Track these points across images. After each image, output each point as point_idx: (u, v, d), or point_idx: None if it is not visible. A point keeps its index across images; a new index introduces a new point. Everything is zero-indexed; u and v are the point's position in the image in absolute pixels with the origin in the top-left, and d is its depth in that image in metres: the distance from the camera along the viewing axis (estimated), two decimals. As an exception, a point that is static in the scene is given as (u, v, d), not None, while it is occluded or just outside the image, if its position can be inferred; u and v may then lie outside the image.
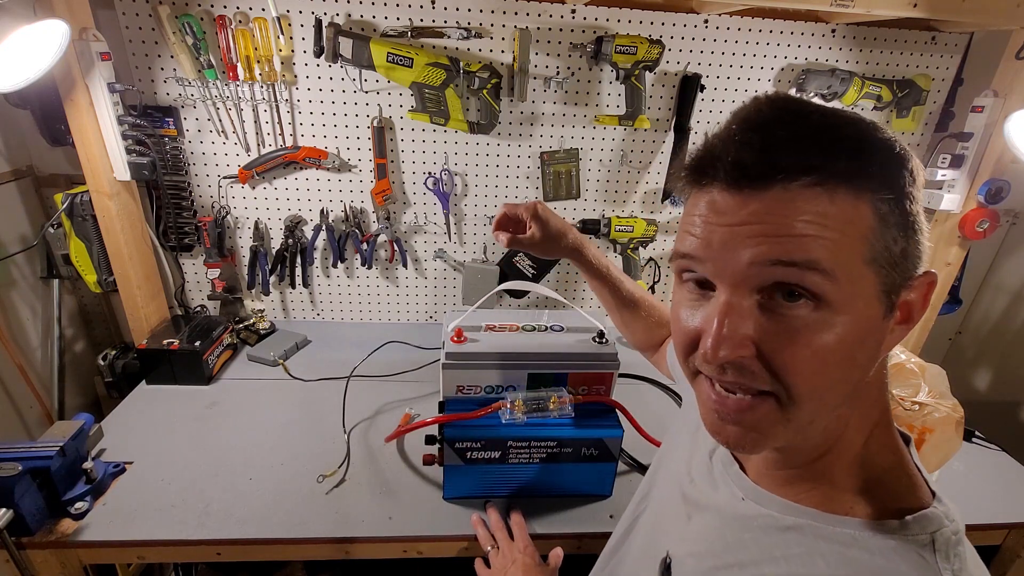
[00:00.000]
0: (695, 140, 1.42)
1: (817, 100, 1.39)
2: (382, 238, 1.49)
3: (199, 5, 1.22)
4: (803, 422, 0.40)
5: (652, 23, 1.32)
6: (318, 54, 1.23)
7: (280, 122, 1.34)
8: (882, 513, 0.41)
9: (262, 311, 1.54)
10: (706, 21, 1.33)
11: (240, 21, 1.22)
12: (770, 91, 0.43)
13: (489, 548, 0.88)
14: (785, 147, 0.37)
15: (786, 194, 0.36)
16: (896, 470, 0.44)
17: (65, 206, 1.25)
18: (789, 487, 0.46)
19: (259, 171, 1.36)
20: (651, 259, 1.60)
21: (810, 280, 0.36)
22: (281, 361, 1.36)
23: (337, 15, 1.25)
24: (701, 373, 0.43)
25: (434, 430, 0.95)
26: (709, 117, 1.43)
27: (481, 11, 1.27)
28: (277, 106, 1.33)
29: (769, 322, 0.38)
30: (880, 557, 0.39)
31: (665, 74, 1.38)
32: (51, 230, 1.29)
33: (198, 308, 1.53)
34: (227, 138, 1.35)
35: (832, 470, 0.44)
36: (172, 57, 1.25)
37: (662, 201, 1.52)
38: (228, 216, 1.42)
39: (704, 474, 0.56)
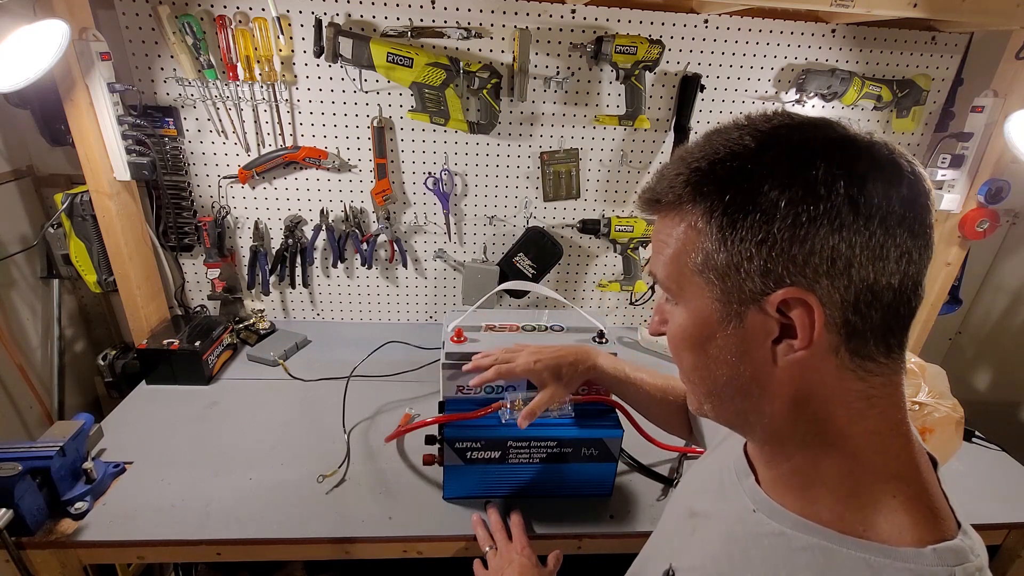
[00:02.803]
0: (695, 140, 1.42)
1: (817, 100, 1.39)
2: (382, 238, 1.49)
3: (199, 5, 1.22)
4: (697, 394, 0.50)
5: (652, 23, 1.32)
6: (318, 54, 1.23)
7: (280, 122, 1.34)
8: (901, 540, 0.40)
9: (262, 311, 1.54)
10: (706, 21, 1.33)
11: (240, 21, 1.22)
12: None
13: (488, 549, 0.88)
14: (661, 181, 0.46)
15: (659, 218, 0.48)
16: (922, 495, 0.42)
17: (65, 206, 1.25)
18: (802, 494, 0.45)
19: (259, 171, 1.36)
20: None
21: (661, 282, 0.48)
22: (281, 361, 1.36)
23: (337, 15, 1.25)
24: None
25: (434, 430, 0.96)
26: (709, 117, 1.43)
27: (481, 11, 1.27)
28: (277, 106, 1.33)
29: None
30: None
31: (665, 74, 1.38)
32: (51, 230, 1.29)
33: (198, 308, 1.53)
34: (227, 138, 1.35)
35: (842, 481, 0.43)
36: (172, 57, 1.25)
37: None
38: (228, 216, 1.42)
39: (716, 486, 0.56)
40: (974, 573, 0.38)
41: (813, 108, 1.43)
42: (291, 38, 1.26)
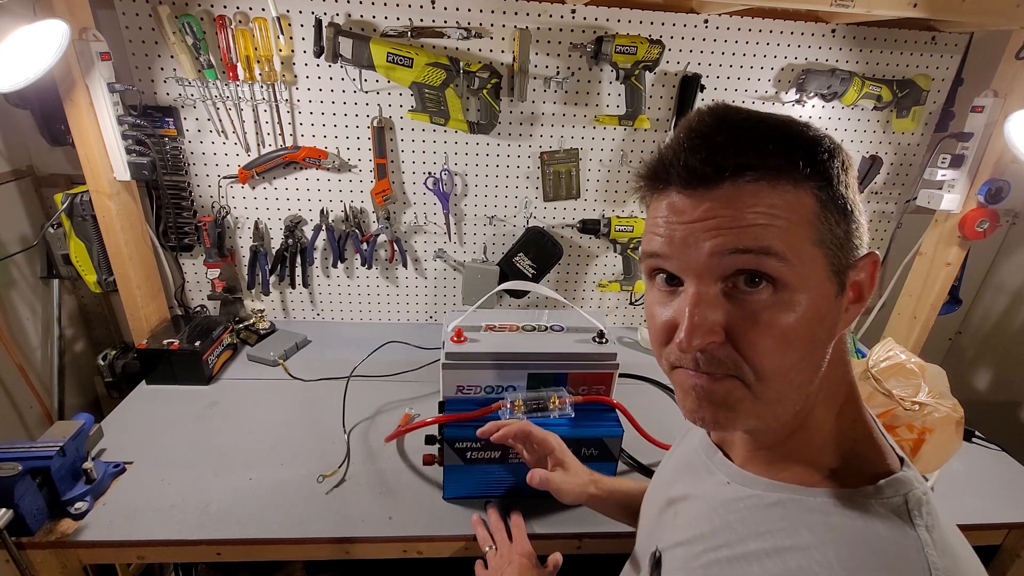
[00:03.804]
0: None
1: (817, 100, 1.39)
2: (382, 238, 1.49)
3: (199, 5, 1.22)
4: (771, 400, 0.43)
5: (652, 23, 1.32)
6: (318, 54, 1.23)
7: (280, 122, 1.34)
8: (857, 481, 0.44)
9: (262, 311, 1.54)
10: (706, 21, 1.33)
11: (240, 21, 1.22)
12: (710, 103, 0.46)
13: (488, 548, 0.88)
14: (726, 150, 0.41)
15: (733, 190, 0.41)
16: (866, 441, 0.47)
17: (65, 206, 1.25)
18: (770, 467, 0.49)
19: (259, 171, 1.36)
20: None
21: (767, 264, 0.40)
22: (281, 361, 1.36)
23: (337, 15, 1.25)
24: (678, 366, 0.46)
25: (434, 430, 0.95)
26: (709, 117, 1.43)
27: (481, 11, 1.27)
28: (277, 106, 1.33)
29: (734, 308, 0.42)
30: (860, 520, 0.41)
31: (665, 74, 1.38)
32: (51, 230, 1.29)
33: (198, 308, 1.53)
34: (227, 138, 1.35)
35: (808, 447, 0.47)
36: (172, 57, 1.25)
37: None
38: (228, 216, 1.42)
39: (687, 470, 0.59)
40: (920, 497, 0.42)
41: (813, 108, 1.43)
42: (291, 38, 1.26)
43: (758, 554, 0.44)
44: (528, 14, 1.28)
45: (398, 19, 1.27)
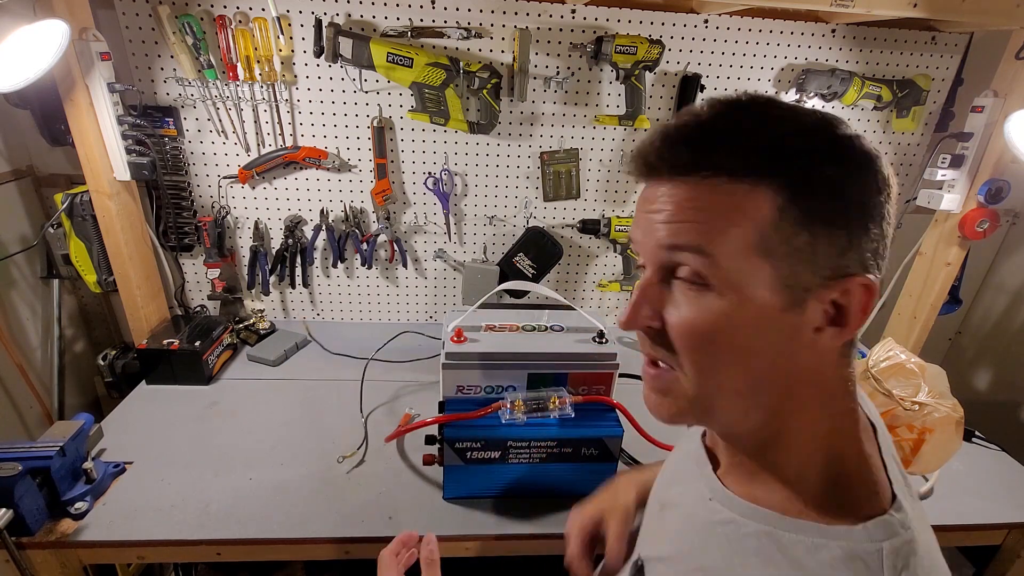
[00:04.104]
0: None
1: (817, 100, 1.39)
2: (382, 238, 1.49)
3: (199, 5, 1.22)
4: (705, 397, 0.44)
5: (652, 23, 1.32)
6: (318, 54, 1.23)
7: (280, 122, 1.34)
8: (838, 517, 0.42)
9: (262, 311, 1.54)
10: (706, 21, 1.33)
11: (240, 21, 1.22)
12: (707, 99, 0.44)
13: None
14: (677, 145, 0.41)
15: (683, 185, 0.41)
16: (857, 475, 0.44)
17: (65, 206, 1.25)
18: (751, 480, 0.48)
19: (259, 171, 1.36)
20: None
21: (691, 261, 0.41)
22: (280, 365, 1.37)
23: (337, 15, 1.25)
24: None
25: (434, 430, 0.95)
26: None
27: (481, 11, 1.27)
28: (277, 106, 1.33)
29: (667, 295, 0.44)
30: (827, 570, 0.39)
31: (665, 74, 1.38)
32: (51, 230, 1.29)
33: (198, 308, 1.53)
34: (227, 138, 1.35)
35: (786, 467, 0.45)
36: (172, 57, 1.25)
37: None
38: (228, 216, 1.42)
39: (680, 475, 0.59)
40: (900, 546, 0.39)
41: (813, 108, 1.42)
42: (291, 38, 1.26)
43: None
44: (528, 14, 1.28)
45: (398, 19, 1.27)
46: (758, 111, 0.41)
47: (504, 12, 1.27)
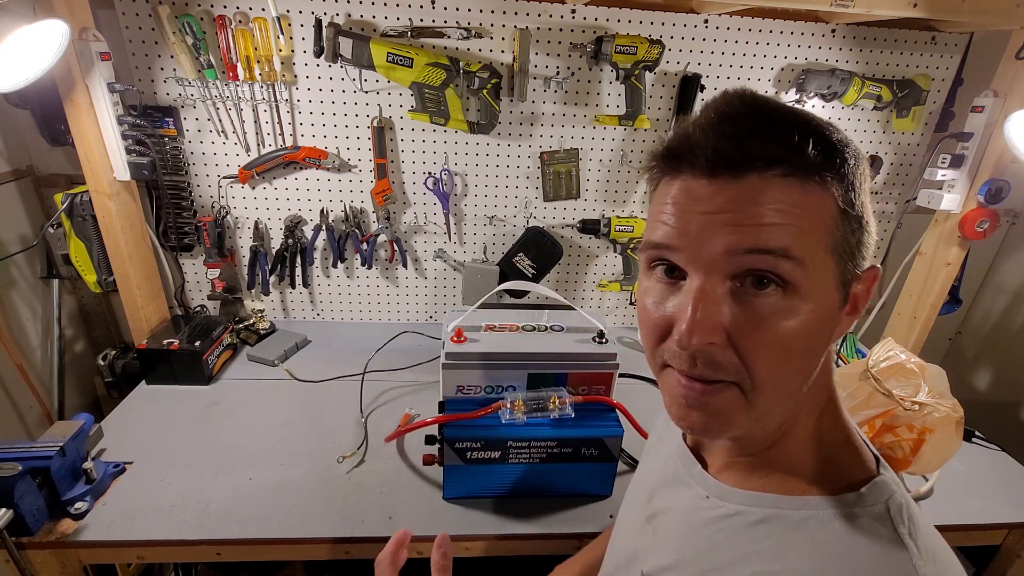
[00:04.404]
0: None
1: (817, 100, 1.39)
2: (382, 238, 1.49)
3: (199, 5, 1.22)
4: (764, 408, 0.42)
5: (652, 23, 1.32)
6: (318, 54, 1.23)
7: (280, 122, 1.34)
8: (838, 486, 0.43)
9: (262, 311, 1.54)
10: (706, 21, 1.33)
11: (240, 21, 1.22)
12: (730, 88, 0.43)
13: None
14: (758, 138, 0.38)
15: (760, 183, 0.38)
16: (845, 445, 0.46)
17: (65, 206, 1.25)
18: (749, 476, 0.47)
19: (259, 171, 1.36)
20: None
21: (782, 267, 0.38)
22: (287, 370, 1.37)
23: (337, 15, 1.25)
24: (669, 366, 0.43)
25: (434, 430, 0.95)
26: (709, 117, 1.43)
27: (481, 11, 1.27)
28: (277, 106, 1.33)
29: (739, 309, 0.39)
30: (846, 535, 0.40)
31: (665, 74, 1.38)
32: (51, 230, 1.29)
33: (198, 308, 1.53)
34: (227, 138, 1.35)
35: (789, 454, 0.46)
36: (172, 57, 1.25)
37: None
38: (228, 216, 1.42)
39: (664, 481, 0.57)
40: (900, 502, 0.41)
41: (813, 108, 1.43)
42: (291, 38, 1.26)
43: None
44: (528, 14, 1.28)
45: (398, 19, 1.27)
46: (786, 109, 0.41)
47: (504, 12, 1.27)
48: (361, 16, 1.26)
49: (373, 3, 1.25)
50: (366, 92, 1.33)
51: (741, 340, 0.39)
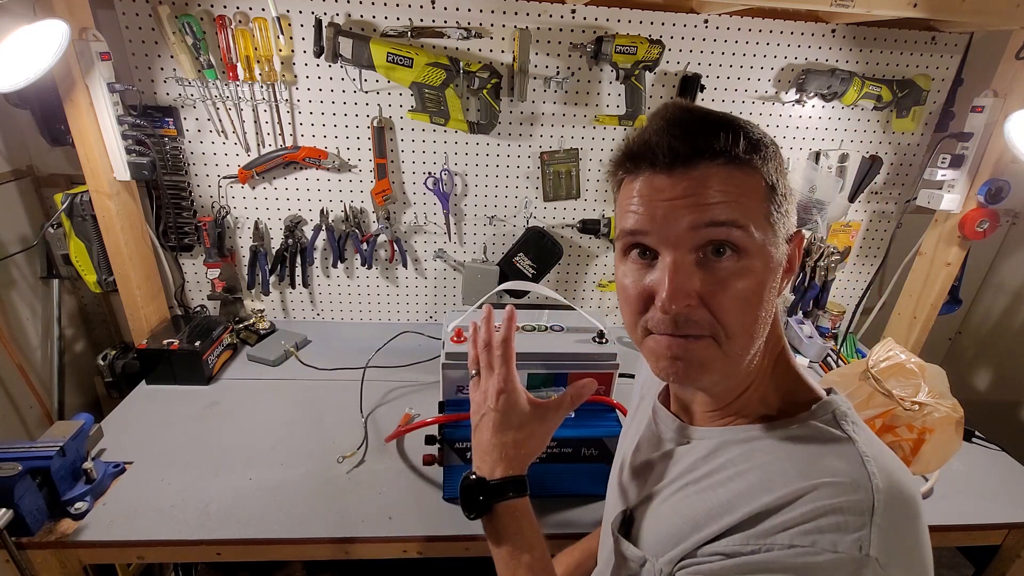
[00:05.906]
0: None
1: (817, 100, 1.40)
2: (382, 238, 1.49)
3: (199, 5, 1.22)
4: (735, 355, 0.50)
5: (652, 23, 1.32)
6: (318, 54, 1.23)
7: (280, 122, 1.34)
8: (796, 411, 0.53)
9: (262, 311, 1.54)
10: (706, 21, 1.33)
11: (240, 21, 1.22)
12: (669, 101, 0.52)
13: (474, 372, 0.71)
14: (702, 137, 0.47)
15: (708, 171, 0.47)
16: (798, 381, 0.55)
17: (65, 206, 1.25)
18: (723, 419, 0.56)
19: (259, 171, 1.36)
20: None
21: (734, 235, 0.47)
22: (293, 350, 1.40)
23: (337, 15, 1.25)
24: (652, 333, 0.51)
25: (434, 430, 0.95)
26: (709, 117, 1.43)
27: (481, 11, 1.27)
28: (277, 106, 1.33)
29: (706, 274, 0.48)
30: (802, 439, 0.50)
31: (665, 74, 1.38)
32: (51, 230, 1.29)
33: (198, 308, 1.53)
34: (227, 138, 1.35)
35: (755, 399, 0.55)
36: (172, 57, 1.25)
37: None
38: (228, 216, 1.42)
39: (646, 443, 0.64)
40: (844, 411, 0.51)
41: (813, 108, 1.43)
42: (291, 38, 1.26)
43: (723, 480, 0.51)
44: (528, 14, 1.28)
45: (398, 19, 1.27)
46: (718, 114, 0.49)
47: (504, 12, 1.27)
48: (361, 16, 1.26)
49: (373, 3, 1.25)
50: (366, 92, 1.33)
51: (710, 299, 0.48)
